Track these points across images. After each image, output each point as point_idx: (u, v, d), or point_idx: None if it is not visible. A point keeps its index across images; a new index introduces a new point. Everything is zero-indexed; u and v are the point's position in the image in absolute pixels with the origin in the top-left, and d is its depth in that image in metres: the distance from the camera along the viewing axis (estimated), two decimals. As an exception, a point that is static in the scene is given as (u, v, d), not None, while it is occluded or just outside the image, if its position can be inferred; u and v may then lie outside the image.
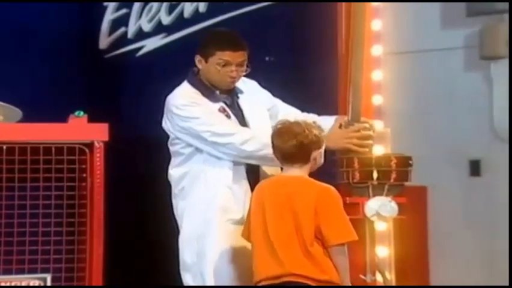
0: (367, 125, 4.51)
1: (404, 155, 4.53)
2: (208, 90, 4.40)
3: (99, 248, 4.60)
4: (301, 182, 4.02)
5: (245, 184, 4.33)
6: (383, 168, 4.47)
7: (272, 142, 4.05)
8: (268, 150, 4.12)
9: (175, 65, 5.40)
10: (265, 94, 4.63)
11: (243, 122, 4.42)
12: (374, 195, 4.46)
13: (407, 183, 4.53)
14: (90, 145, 4.65)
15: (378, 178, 4.45)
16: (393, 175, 4.48)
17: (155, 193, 5.17)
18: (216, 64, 4.35)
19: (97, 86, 5.43)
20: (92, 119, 4.72)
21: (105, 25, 5.54)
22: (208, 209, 4.31)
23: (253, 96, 4.53)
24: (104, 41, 5.54)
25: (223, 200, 4.30)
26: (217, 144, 4.28)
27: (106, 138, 4.66)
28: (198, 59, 4.40)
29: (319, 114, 4.66)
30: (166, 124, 4.44)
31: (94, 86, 5.42)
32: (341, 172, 4.50)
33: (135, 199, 5.26)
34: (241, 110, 4.44)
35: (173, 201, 4.48)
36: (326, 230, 3.91)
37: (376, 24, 5.12)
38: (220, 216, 4.30)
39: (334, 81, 5.16)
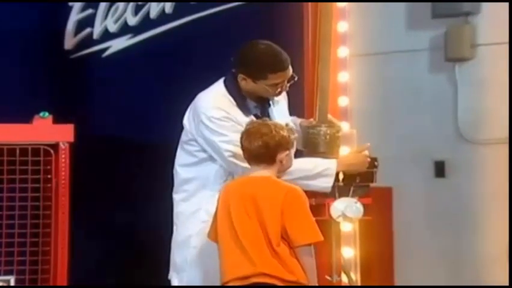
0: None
1: (370, 156, 4.55)
2: (243, 101, 4.28)
3: (64, 249, 4.57)
4: (267, 182, 4.02)
5: None
6: (348, 169, 4.48)
7: (240, 142, 4.05)
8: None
9: (141, 65, 5.40)
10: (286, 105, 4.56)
11: None
12: (340, 196, 4.47)
13: (372, 184, 4.55)
14: (55, 146, 4.63)
15: (344, 179, 4.46)
16: (359, 176, 4.50)
17: (121, 194, 5.16)
18: (268, 86, 4.24)
19: (62, 87, 5.39)
20: (57, 120, 4.69)
21: (70, 25, 5.49)
22: (204, 222, 4.18)
23: (284, 105, 4.46)
24: (69, 42, 5.50)
25: None
26: (235, 165, 4.19)
27: (71, 139, 4.64)
28: (241, 77, 4.24)
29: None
30: (189, 123, 4.28)
31: (59, 87, 5.38)
32: (307, 173, 4.50)
33: (101, 200, 5.23)
34: (270, 120, 4.29)
35: (174, 195, 4.35)
36: (292, 231, 3.91)
37: (342, 26, 5.13)
38: None
39: (301, 82, 5.16)
